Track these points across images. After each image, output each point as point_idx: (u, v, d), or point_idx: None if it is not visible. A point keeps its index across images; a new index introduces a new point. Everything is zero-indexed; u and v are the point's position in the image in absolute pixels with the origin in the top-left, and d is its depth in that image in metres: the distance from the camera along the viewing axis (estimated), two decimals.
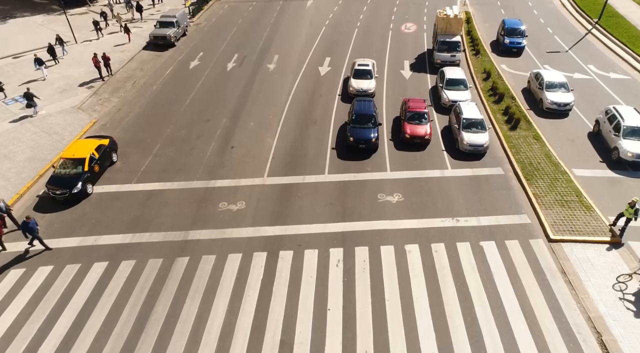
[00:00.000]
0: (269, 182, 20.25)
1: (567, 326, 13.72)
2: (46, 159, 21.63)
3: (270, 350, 13.35)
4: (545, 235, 17.05)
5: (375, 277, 15.57)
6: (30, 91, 24.97)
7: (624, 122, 20.71)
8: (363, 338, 13.55)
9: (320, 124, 24.49)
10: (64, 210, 18.60)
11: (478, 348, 13.19)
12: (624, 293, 14.68)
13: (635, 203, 16.00)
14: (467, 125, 21.95)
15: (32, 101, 24.79)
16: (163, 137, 23.63)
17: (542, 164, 20.67)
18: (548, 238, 16.87)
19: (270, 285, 15.38)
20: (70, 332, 13.91)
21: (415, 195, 19.29)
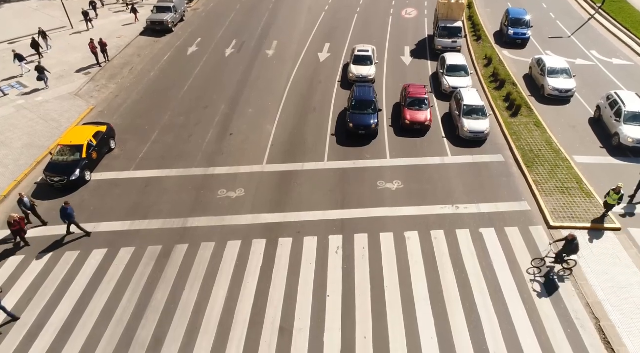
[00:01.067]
0: (268, 169, 20.14)
1: (565, 312, 13.77)
2: (43, 146, 21.48)
3: (269, 336, 13.41)
4: (545, 222, 17.02)
5: (375, 264, 15.57)
6: (41, 64, 25.67)
7: (625, 108, 20.53)
8: (362, 325, 13.60)
9: (319, 110, 24.28)
10: (63, 198, 18.49)
11: (477, 334, 13.26)
12: (535, 276, 14.87)
13: (620, 190, 15.96)
14: (468, 111, 21.75)
15: (42, 74, 25.36)
16: (161, 123, 23.43)
17: (542, 151, 20.55)
18: (548, 225, 16.85)
19: (269, 271, 15.39)
20: (70, 318, 13.95)
21: (415, 182, 19.21)
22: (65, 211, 15.92)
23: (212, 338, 13.33)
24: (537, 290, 14.46)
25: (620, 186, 16.06)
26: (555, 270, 15.07)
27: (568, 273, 14.97)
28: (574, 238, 14.22)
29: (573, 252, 14.37)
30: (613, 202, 16.16)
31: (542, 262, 15.16)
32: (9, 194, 18.76)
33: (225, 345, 13.14)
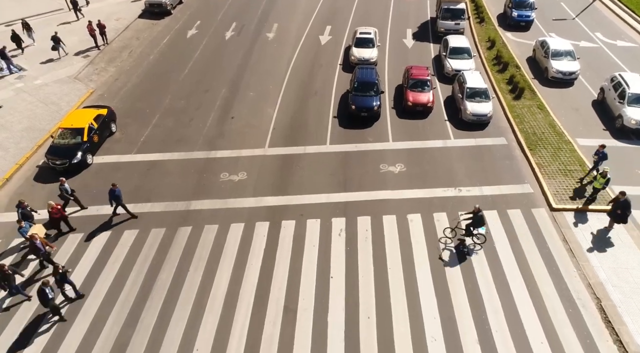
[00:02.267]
0: (270, 153, 20.08)
1: (567, 292, 13.90)
2: (44, 129, 21.36)
3: (274, 316, 13.54)
4: (547, 204, 17.07)
5: (378, 245, 15.65)
6: (57, 35, 26.51)
7: (629, 90, 20.40)
8: (365, 305, 13.74)
9: (321, 94, 24.09)
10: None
11: (479, 313, 13.41)
12: (446, 246, 15.38)
13: (607, 173, 16.01)
14: (471, 94, 21.60)
15: (58, 44, 26.37)
16: (162, 107, 23.26)
17: (545, 134, 20.48)
18: (550, 207, 16.89)
19: (273, 253, 15.47)
20: (75, 299, 14.06)
21: (418, 165, 19.19)
22: (114, 193, 15.89)
23: (217, 318, 13.47)
24: (540, 271, 14.57)
25: (607, 170, 16.12)
26: (467, 244, 15.38)
27: (478, 248, 15.27)
28: (479, 210, 14.70)
29: (479, 225, 14.72)
30: (599, 186, 16.26)
31: (453, 233, 15.64)
32: (11, 177, 18.73)
33: (231, 324, 13.29)
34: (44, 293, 12.60)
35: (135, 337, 13.06)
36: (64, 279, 13.42)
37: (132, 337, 13.04)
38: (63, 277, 13.38)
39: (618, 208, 15.07)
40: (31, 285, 14.56)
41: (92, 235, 16.18)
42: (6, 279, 13.29)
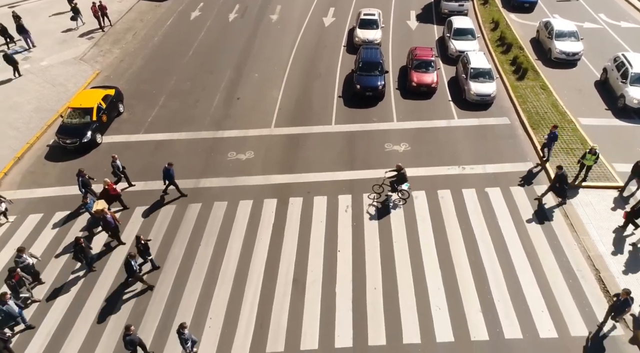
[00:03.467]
0: (277, 133, 20.36)
1: (567, 264, 14.35)
2: (52, 110, 21.60)
3: (283, 287, 14.01)
4: (549, 181, 17.38)
5: (383, 221, 16.06)
6: (77, 6, 27.72)
7: (632, 69, 20.56)
8: (372, 277, 14.20)
9: (325, 75, 24.25)
10: (76, 159, 18.83)
11: (482, 284, 13.87)
12: (375, 200, 16.58)
13: (595, 150, 16.35)
14: (475, 74, 21.76)
15: (77, 15, 27.61)
16: (167, 89, 23.45)
17: (548, 113, 20.73)
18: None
19: (281, 229, 15.88)
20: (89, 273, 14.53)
21: (422, 144, 19.49)
22: (168, 172, 16.19)
23: (229, 289, 13.94)
24: (541, 245, 15.00)
25: (595, 147, 16.45)
26: (392, 199, 16.63)
27: (403, 203, 16.50)
28: (401, 168, 16.02)
29: (402, 182, 15.98)
30: (590, 163, 16.57)
31: (380, 188, 16.78)
32: (23, 156, 19.07)
33: (242, 295, 13.76)
34: (130, 265, 13.04)
35: (151, 306, 13.55)
36: (146, 251, 13.89)
37: (148, 306, 13.53)
38: (146, 249, 13.83)
39: (557, 182, 15.68)
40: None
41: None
42: (82, 251, 13.73)
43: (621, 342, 12.39)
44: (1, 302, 11.94)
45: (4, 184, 17.82)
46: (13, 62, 23.57)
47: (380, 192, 16.86)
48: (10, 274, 12.49)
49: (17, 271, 12.68)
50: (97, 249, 15.25)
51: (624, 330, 12.62)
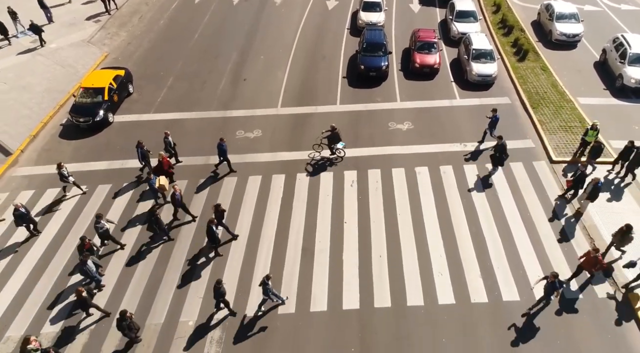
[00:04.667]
0: (283, 112, 20.91)
1: (563, 234, 15.04)
2: (64, 90, 22.12)
3: (293, 255, 14.72)
4: (547, 157, 18.03)
5: (388, 195, 16.70)
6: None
7: (631, 50, 21.03)
8: (377, 246, 14.90)
9: (330, 57, 24.70)
10: (89, 137, 19.44)
11: (481, 252, 14.56)
12: (313, 159, 18.05)
13: (596, 126, 16.89)
14: (477, 55, 22.23)
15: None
16: (175, 71, 23.94)
17: (548, 93, 21.25)
18: (550, 160, 17.86)
19: (290, 202, 16.53)
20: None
21: (425, 123, 20.05)
22: (221, 147, 16.72)
23: (242, 257, 14.66)
24: (539, 216, 15.67)
25: (596, 123, 16.98)
26: (331, 159, 18.00)
27: (339, 161, 17.92)
28: (335, 128, 17.32)
29: (336, 141, 17.40)
30: (591, 139, 17.11)
31: (320, 148, 18.18)
32: (38, 134, 19.67)
33: (254, 264, 14.48)
34: (212, 230, 13.77)
35: (167, 273, 14.27)
36: (221, 219, 14.52)
37: (165, 274, 14.26)
38: (221, 217, 14.45)
39: (497, 151, 16.53)
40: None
41: (119, 185, 17.19)
42: (157, 222, 14.45)
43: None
44: (82, 262, 12.81)
45: (21, 161, 18.45)
46: (39, 30, 24.83)
47: (320, 151, 18.17)
48: (82, 242, 13.28)
49: (87, 239, 13.45)
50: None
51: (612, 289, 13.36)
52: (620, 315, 12.82)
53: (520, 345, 12.25)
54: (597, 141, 16.53)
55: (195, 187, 17.20)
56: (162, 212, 16.06)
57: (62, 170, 15.78)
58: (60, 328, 12.87)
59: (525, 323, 12.71)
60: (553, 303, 12.99)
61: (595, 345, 12.19)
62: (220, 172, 17.73)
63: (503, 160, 16.83)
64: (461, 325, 12.67)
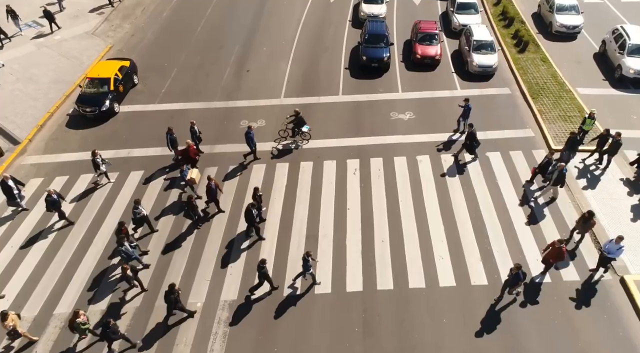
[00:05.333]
0: (286, 103, 21.19)
1: (561, 218, 15.37)
2: (69, 81, 22.40)
3: (297, 241, 15.06)
4: (547, 146, 18.34)
5: (390, 182, 17.03)
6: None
7: (630, 41, 21.28)
8: (379, 231, 15.25)
9: (332, 49, 24.95)
10: (95, 127, 19.74)
11: (481, 237, 14.89)
12: (280, 142, 18.71)
13: (594, 115, 17.27)
14: (478, 46, 22.48)
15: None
16: (178, 63, 24.19)
17: (548, 84, 21.52)
18: (549, 149, 18.15)
19: (294, 190, 16.85)
20: (90, 227, 15.58)
21: (426, 113, 20.34)
22: (248, 134, 17.04)
23: (248, 243, 15.00)
24: (537, 201, 16.01)
25: (594, 111, 17.30)
26: (296, 140, 18.67)
27: (305, 143, 18.53)
28: (298, 112, 18.03)
29: (301, 124, 18.04)
30: (589, 128, 17.46)
31: (285, 132, 18.85)
32: (45, 124, 19.97)
33: (259, 248, 14.82)
34: (251, 214, 14.11)
35: (176, 256, 14.64)
36: (259, 203, 14.88)
37: (173, 256, 14.62)
38: (259, 201, 14.79)
39: (467, 139, 16.91)
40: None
41: (126, 174, 17.50)
42: (193, 210, 14.85)
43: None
44: (120, 244, 13.26)
45: (29, 150, 18.77)
46: (51, 17, 25.51)
47: (286, 136, 18.68)
48: (120, 227, 13.71)
49: (124, 225, 13.83)
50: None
51: (612, 275, 13.71)
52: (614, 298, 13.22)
53: (518, 325, 12.61)
54: (573, 132, 16.78)
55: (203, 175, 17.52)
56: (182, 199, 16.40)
57: (96, 158, 16.18)
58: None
59: (524, 305, 13.07)
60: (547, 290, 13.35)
61: (590, 324, 12.56)
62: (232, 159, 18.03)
63: (474, 147, 17.22)
64: (461, 307, 13.04)
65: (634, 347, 12.07)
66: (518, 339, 12.30)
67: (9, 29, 25.26)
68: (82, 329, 11.57)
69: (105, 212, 16.10)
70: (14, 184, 15.40)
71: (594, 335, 12.34)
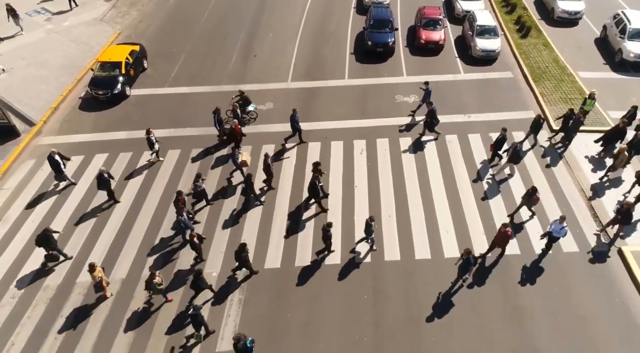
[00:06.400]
0: (293, 86, 21.66)
1: (562, 194, 15.91)
2: (80, 66, 22.83)
3: (307, 217, 15.61)
4: (548, 127, 18.83)
5: (395, 161, 17.54)
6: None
7: (630, 25, 21.69)
8: (386, 207, 15.79)
9: (337, 35, 25.35)
10: (108, 109, 20.22)
11: (485, 212, 15.45)
12: (228, 122, 18.41)
13: (594, 95, 17.75)
14: (481, 31, 22.89)
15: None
16: (186, 48, 24.60)
17: (549, 68, 21.97)
18: (551, 129, 18.67)
19: (302, 168, 17.36)
20: (133, 204, 16.14)
21: (431, 96, 20.75)
22: (293, 118, 17.48)
23: (259, 217, 15.57)
24: (539, 179, 16.51)
25: (594, 92, 17.77)
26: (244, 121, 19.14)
27: (253, 122, 19.32)
28: (243, 92, 18.93)
29: (247, 104, 18.85)
30: (589, 108, 17.94)
31: (232, 113, 18.54)
32: (58, 106, 20.45)
33: (271, 222, 15.39)
34: (316, 186, 14.81)
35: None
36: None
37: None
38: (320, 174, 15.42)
39: (428, 117, 17.74)
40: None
41: (139, 153, 17.99)
42: (250, 188, 15.36)
43: None
44: (179, 213, 14.07)
45: (44, 131, 19.27)
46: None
47: (232, 117, 18.46)
48: (177, 197, 14.25)
49: (182, 194, 14.37)
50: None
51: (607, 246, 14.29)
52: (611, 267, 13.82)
53: (519, 293, 13.20)
54: (539, 115, 17.29)
55: (211, 155, 18.02)
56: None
57: (150, 136, 16.78)
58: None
59: (524, 275, 13.66)
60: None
61: (589, 293, 13.16)
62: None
63: (434, 125, 17.84)
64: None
65: (629, 312, 12.68)
66: (520, 305, 12.89)
67: (9, 29, 24.46)
68: (157, 289, 12.50)
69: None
70: (60, 159, 15.95)
71: (593, 303, 12.95)
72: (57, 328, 12.59)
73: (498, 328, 12.43)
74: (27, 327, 12.56)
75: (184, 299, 13.26)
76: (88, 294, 13.34)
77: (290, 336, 12.39)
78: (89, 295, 13.32)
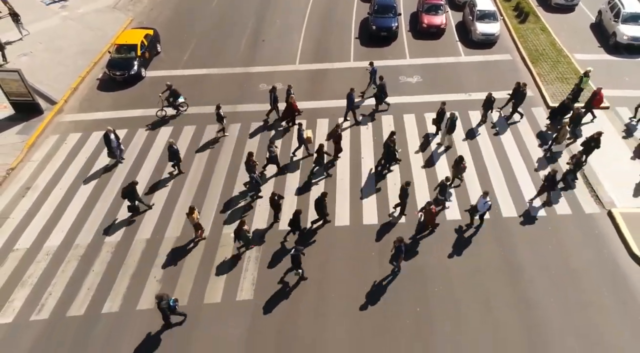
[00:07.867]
0: (301, 68, 22.62)
1: (558, 167, 16.88)
2: (96, 50, 23.77)
3: (318, 182, 16.61)
4: (545, 104, 19.81)
5: (400, 136, 18.47)
6: None
7: (624, 9, 22.66)
8: (392, 175, 16.78)
9: (342, 21, 26.30)
10: (125, 90, 21.19)
11: (484, 180, 16.41)
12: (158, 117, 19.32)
13: (589, 73, 18.67)
14: (481, 16, 23.84)
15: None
16: (197, 34, 25.55)
17: (546, 50, 22.92)
18: (547, 106, 19.65)
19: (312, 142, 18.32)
20: (153, 176, 17.11)
21: (433, 77, 21.77)
22: (350, 96, 18.19)
23: (272, 184, 16.55)
24: (539, 156, 17.47)
25: (589, 70, 18.68)
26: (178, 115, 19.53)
27: (184, 111, 19.63)
28: (171, 86, 18.85)
29: (176, 97, 19.03)
30: (586, 85, 18.87)
31: (162, 111, 19.26)
32: (78, 87, 21.40)
33: (284, 188, 16.36)
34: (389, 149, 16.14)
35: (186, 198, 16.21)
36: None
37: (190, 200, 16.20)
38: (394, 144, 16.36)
39: (378, 91, 18.98)
40: None
41: (157, 130, 18.97)
42: (322, 157, 16.33)
43: None
44: (252, 171, 15.35)
45: (66, 109, 20.23)
46: None
47: (163, 109, 19.27)
48: (249, 158, 15.41)
49: (253, 155, 15.44)
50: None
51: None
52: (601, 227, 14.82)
53: (517, 252, 14.21)
54: (490, 94, 18.22)
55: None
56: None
57: (219, 111, 17.79)
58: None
59: (520, 234, 14.66)
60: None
61: (580, 249, 14.16)
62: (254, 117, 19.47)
63: (382, 99, 18.96)
64: (467, 237, 14.64)
65: (616, 265, 13.74)
66: (516, 262, 13.90)
67: (11, 33, 23.86)
68: (246, 237, 13.72)
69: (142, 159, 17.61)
70: (114, 137, 16.82)
71: (584, 257, 13.96)
72: (90, 281, 13.60)
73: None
74: (62, 280, 13.57)
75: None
76: (116, 252, 14.33)
77: None
78: (118, 253, 14.32)
